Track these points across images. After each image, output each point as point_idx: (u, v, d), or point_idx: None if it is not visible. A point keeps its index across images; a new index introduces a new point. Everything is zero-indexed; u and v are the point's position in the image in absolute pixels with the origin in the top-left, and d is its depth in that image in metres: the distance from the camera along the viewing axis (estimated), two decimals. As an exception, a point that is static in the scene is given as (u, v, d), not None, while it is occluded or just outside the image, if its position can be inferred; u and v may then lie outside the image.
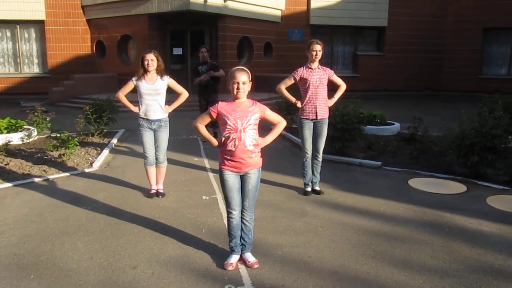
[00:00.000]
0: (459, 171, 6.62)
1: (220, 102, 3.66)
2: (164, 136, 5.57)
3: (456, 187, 6.08)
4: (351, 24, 18.90)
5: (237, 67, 3.65)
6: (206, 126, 3.88)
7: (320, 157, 5.83)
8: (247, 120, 3.56)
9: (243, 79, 3.53)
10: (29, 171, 6.67)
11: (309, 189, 5.81)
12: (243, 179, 3.71)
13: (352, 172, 6.88)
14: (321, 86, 5.57)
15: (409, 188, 6.06)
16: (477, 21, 18.76)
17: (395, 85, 19.53)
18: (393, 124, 9.91)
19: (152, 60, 5.30)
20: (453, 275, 3.67)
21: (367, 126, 8.99)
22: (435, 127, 8.28)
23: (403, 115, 10.83)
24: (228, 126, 3.56)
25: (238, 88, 3.53)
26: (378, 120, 9.92)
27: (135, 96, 5.50)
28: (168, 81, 5.48)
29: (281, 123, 3.81)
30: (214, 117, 3.65)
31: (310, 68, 5.57)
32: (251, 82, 3.62)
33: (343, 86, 5.85)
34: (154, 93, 5.37)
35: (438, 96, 18.94)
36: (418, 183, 6.25)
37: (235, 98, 3.60)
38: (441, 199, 5.59)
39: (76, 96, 15.15)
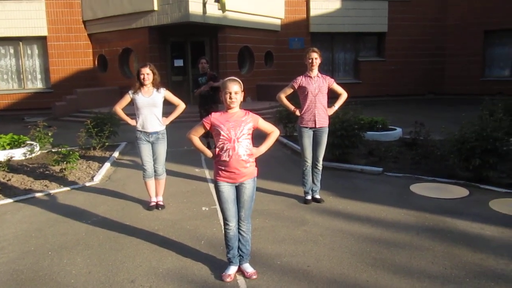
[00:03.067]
0: (461, 175, 6.57)
1: (213, 113, 3.67)
2: (162, 148, 5.57)
3: (458, 191, 6.03)
4: (351, 30, 18.95)
5: (228, 77, 3.67)
6: (201, 137, 3.87)
7: (320, 165, 5.81)
8: (240, 130, 3.55)
9: (235, 89, 3.54)
10: (30, 186, 6.69)
11: (309, 197, 5.78)
12: (238, 189, 3.70)
13: (353, 179, 6.84)
14: (320, 94, 5.55)
15: (410, 194, 6.01)
16: (478, 23, 18.74)
17: (397, 90, 19.50)
18: (395, 129, 9.87)
19: (148, 74, 5.31)
20: (455, 281, 3.62)
21: (368, 132, 8.95)
22: (437, 131, 8.23)
23: (405, 120, 10.79)
24: (221, 137, 3.56)
25: (230, 98, 3.54)
26: (380, 126, 9.88)
27: (133, 109, 5.51)
28: (164, 93, 5.49)
29: (274, 133, 3.80)
30: (208, 128, 3.65)
31: (309, 76, 5.56)
32: (243, 92, 3.63)
33: (344, 95, 5.81)
34: (151, 106, 5.38)
35: (440, 100, 18.89)
36: (420, 189, 6.20)
37: (227, 108, 3.61)
38: (443, 204, 5.54)
39: (79, 110, 15.24)
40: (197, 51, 15.76)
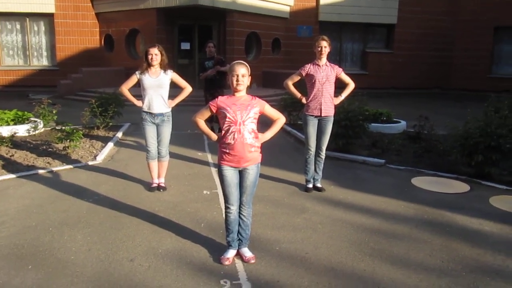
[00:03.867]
0: (463, 170, 6.56)
1: (219, 97, 3.67)
2: (167, 130, 5.58)
3: (459, 187, 6.03)
4: (360, 21, 18.78)
5: (236, 61, 3.66)
6: (205, 121, 3.88)
7: (323, 154, 5.81)
8: (246, 113, 3.55)
9: (243, 71, 3.54)
10: (33, 162, 6.72)
11: (310, 185, 5.79)
12: (241, 174, 3.70)
13: (355, 169, 6.85)
14: (327, 83, 5.53)
15: (411, 187, 6.02)
16: (488, 19, 18.56)
17: (403, 83, 19.41)
18: (399, 122, 9.84)
19: (156, 54, 5.30)
20: (451, 275, 3.64)
21: (373, 124, 8.95)
22: (441, 126, 8.21)
23: (410, 113, 10.74)
24: (227, 119, 3.55)
25: (237, 81, 3.53)
26: (384, 118, 9.86)
27: (139, 90, 5.50)
28: (171, 75, 5.49)
29: (280, 119, 3.79)
30: (214, 111, 3.64)
31: (317, 64, 5.53)
32: (250, 77, 3.62)
33: (351, 85, 5.77)
34: (158, 87, 5.38)
35: (447, 95, 18.79)
36: (421, 182, 6.20)
37: (234, 91, 3.60)
38: (444, 198, 5.55)
39: (84, 89, 15.23)
40: (205, 35, 15.69)
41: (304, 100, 5.66)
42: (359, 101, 7.81)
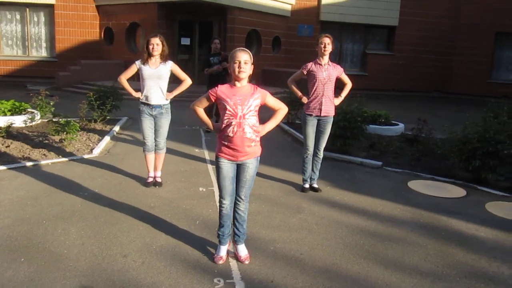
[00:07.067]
0: (460, 175, 6.55)
1: (219, 86, 3.53)
2: (165, 122, 5.54)
3: (456, 191, 6.03)
4: (361, 22, 18.76)
5: (238, 48, 3.53)
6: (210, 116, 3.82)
7: (320, 154, 5.78)
8: (247, 106, 3.44)
9: (245, 58, 3.40)
10: (29, 154, 6.68)
11: (307, 185, 5.77)
12: (240, 168, 3.63)
13: (352, 170, 6.83)
14: (329, 83, 5.49)
15: (408, 190, 6.00)
16: (490, 24, 18.55)
17: (403, 85, 19.40)
18: (397, 124, 9.83)
19: (157, 44, 5.25)
20: (445, 280, 3.63)
21: (371, 126, 8.93)
22: (439, 130, 8.20)
23: (409, 116, 10.73)
24: (227, 112, 3.45)
25: (239, 67, 3.37)
26: (383, 120, 9.84)
27: (139, 84, 5.46)
28: (171, 66, 5.45)
29: (282, 109, 3.70)
30: (213, 100, 3.54)
31: (319, 64, 5.48)
32: (252, 65, 3.49)
33: (349, 85, 5.75)
34: (157, 78, 5.34)
35: (446, 99, 18.78)
36: (418, 185, 6.19)
37: (236, 79, 3.45)
38: (440, 203, 5.54)
39: (82, 82, 15.15)
40: (205, 31, 15.65)
41: (304, 100, 5.62)
42: (358, 102, 7.79)
